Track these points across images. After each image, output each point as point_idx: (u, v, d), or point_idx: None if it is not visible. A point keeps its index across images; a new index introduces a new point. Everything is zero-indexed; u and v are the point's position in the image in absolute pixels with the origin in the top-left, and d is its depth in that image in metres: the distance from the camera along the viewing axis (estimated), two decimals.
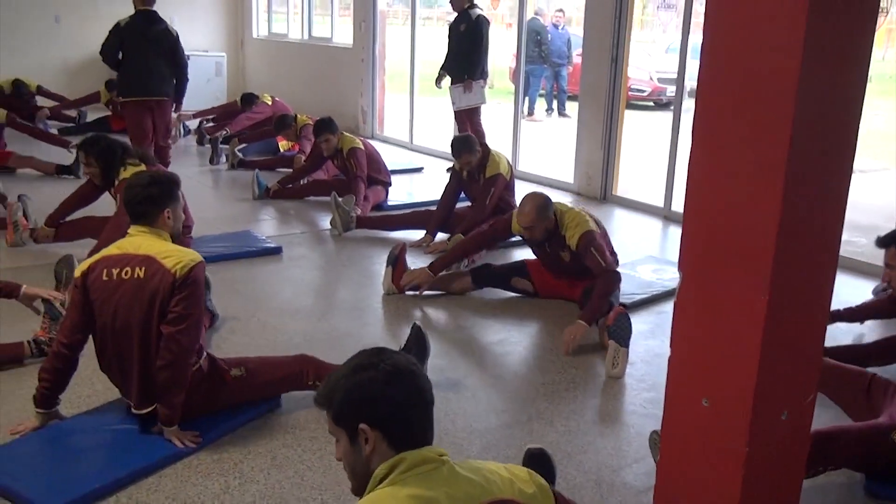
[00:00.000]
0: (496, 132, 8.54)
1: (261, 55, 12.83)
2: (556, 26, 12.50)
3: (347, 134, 6.50)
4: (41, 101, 9.82)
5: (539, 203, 4.25)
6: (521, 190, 6.46)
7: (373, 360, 1.70)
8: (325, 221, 6.13)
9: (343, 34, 10.99)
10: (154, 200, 2.95)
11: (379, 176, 6.51)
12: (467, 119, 7.65)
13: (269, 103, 8.93)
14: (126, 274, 2.82)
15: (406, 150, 9.54)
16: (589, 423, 3.27)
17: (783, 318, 1.84)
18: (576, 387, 3.57)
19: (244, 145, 8.29)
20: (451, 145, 5.60)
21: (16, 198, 5.39)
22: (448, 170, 5.89)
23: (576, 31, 12.98)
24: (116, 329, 2.84)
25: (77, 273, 2.90)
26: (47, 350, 3.48)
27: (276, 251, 5.28)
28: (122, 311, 2.82)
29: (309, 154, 7.10)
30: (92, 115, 9.89)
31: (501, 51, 13.96)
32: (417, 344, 3.39)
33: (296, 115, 7.87)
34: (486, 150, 5.48)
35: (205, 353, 3.01)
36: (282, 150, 8.36)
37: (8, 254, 5.08)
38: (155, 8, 6.66)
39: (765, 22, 1.73)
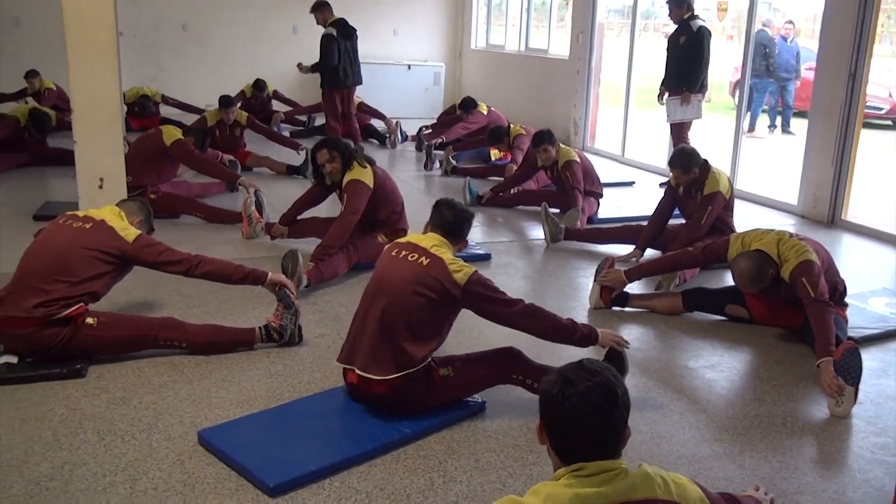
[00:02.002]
0: (715, 148, 8.21)
1: (477, 65, 13.14)
2: (784, 38, 11.81)
3: (564, 146, 6.49)
4: (276, 105, 10.65)
5: (752, 273, 3.91)
6: (741, 210, 6.19)
7: (567, 375, 1.80)
8: (534, 231, 6.18)
9: (559, 45, 11.01)
10: (468, 228, 3.37)
11: (592, 188, 6.46)
12: (674, 132, 7.48)
13: (485, 113, 9.12)
14: (412, 257, 3.11)
15: (617, 163, 9.40)
16: (808, 463, 3.04)
17: None
18: (794, 422, 3.34)
19: (457, 153, 8.53)
20: (670, 158, 5.44)
21: (251, 193, 5.86)
22: (662, 185, 5.72)
23: (804, 43, 12.23)
24: (374, 293, 3.13)
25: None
26: (276, 336, 3.77)
27: (485, 258, 5.37)
28: (389, 281, 3.09)
29: (521, 163, 7.18)
30: (319, 120, 10.55)
31: (721, 64, 13.43)
32: (615, 360, 3.32)
33: (509, 125, 7.97)
34: (707, 167, 5.25)
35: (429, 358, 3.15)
36: (493, 158, 8.52)
37: (244, 245, 5.54)
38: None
39: None
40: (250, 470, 2.70)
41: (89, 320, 3.47)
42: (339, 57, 8.51)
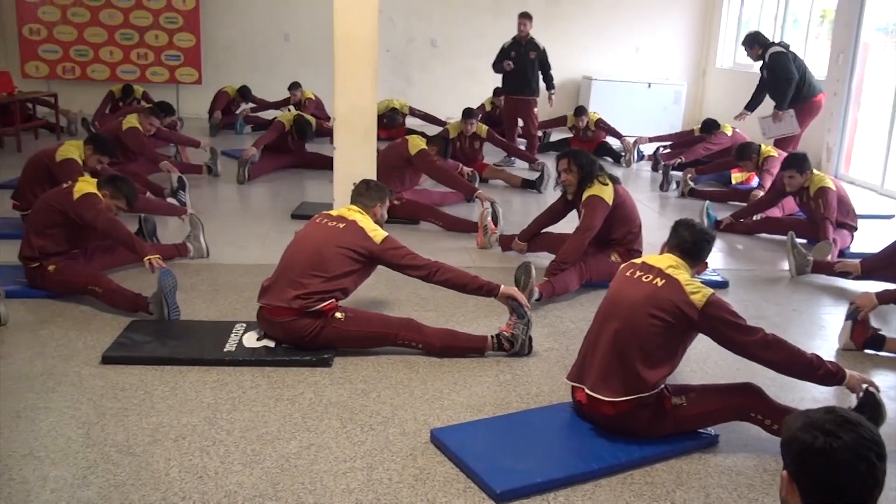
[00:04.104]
0: None
1: (722, 85, 12.63)
2: None
3: (818, 172, 6.07)
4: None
5: None
6: None
7: (825, 426, 1.65)
8: (778, 261, 5.84)
9: (815, 66, 10.30)
10: (708, 250, 3.25)
11: (845, 219, 5.97)
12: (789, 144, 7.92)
13: (729, 134, 8.72)
14: (646, 278, 3.09)
15: (875, 193, 8.65)
16: None
17: None
18: None
19: (694, 174, 8.21)
20: None
21: (488, 205, 6.01)
22: None
23: None
24: (608, 313, 3.13)
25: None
26: (506, 345, 3.85)
27: (723, 285, 5.13)
28: (622, 302, 3.08)
29: (769, 188, 6.79)
30: (555, 136, 10.63)
31: None
32: (869, 409, 3.05)
33: (759, 146, 7.54)
34: None
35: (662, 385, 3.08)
36: (734, 182, 8.14)
37: (478, 254, 5.70)
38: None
39: None
40: (479, 474, 2.77)
41: (338, 315, 3.73)
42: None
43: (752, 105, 8.43)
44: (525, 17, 9.04)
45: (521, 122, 9.59)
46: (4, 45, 11.82)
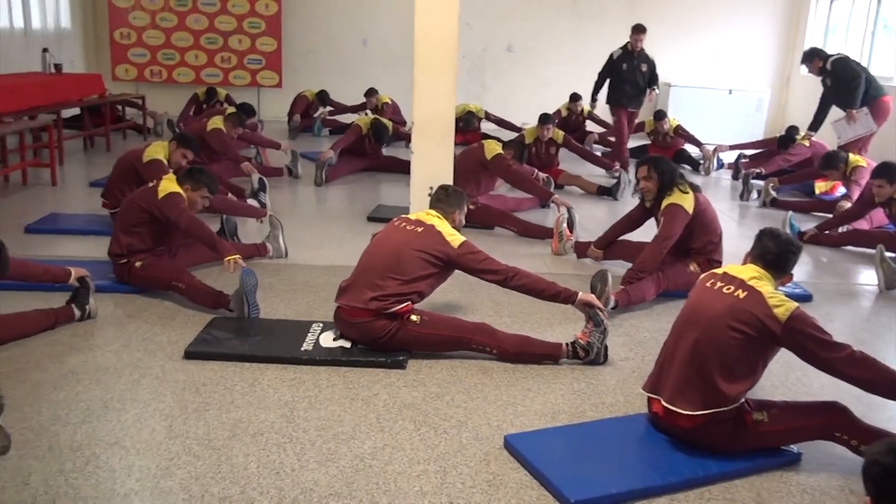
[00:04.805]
0: None
1: (807, 92, 12.19)
2: None
3: None
4: (589, 126, 10.76)
5: None
6: None
7: None
8: (865, 275, 5.64)
9: None
10: (794, 262, 3.12)
11: None
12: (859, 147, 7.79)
13: (807, 145, 8.46)
14: (727, 289, 3.01)
15: None
16: None
17: None
18: None
19: (776, 184, 7.98)
20: None
21: (564, 210, 5.97)
22: None
23: None
24: (686, 324, 3.07)
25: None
26: (581, 353, 3.81)
27: (806, 298, 4.98)
28: (702, 313, 3.01)
29: (857, 199, 6.56)
30: (631, 143, 10.46)
31: None
32: None
33: (848, 155, 7.29)
34: None
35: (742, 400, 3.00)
36: (817, 192, 7.89)
37: (552, 261, 5.67)
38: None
39: None
40: (553, 482, 2.75)
41: (413, 318, 3.76)
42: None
43: (815, 124, 8.36)
44: (639, 31, 8.92)
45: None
46: (97, 49, 12.30)
